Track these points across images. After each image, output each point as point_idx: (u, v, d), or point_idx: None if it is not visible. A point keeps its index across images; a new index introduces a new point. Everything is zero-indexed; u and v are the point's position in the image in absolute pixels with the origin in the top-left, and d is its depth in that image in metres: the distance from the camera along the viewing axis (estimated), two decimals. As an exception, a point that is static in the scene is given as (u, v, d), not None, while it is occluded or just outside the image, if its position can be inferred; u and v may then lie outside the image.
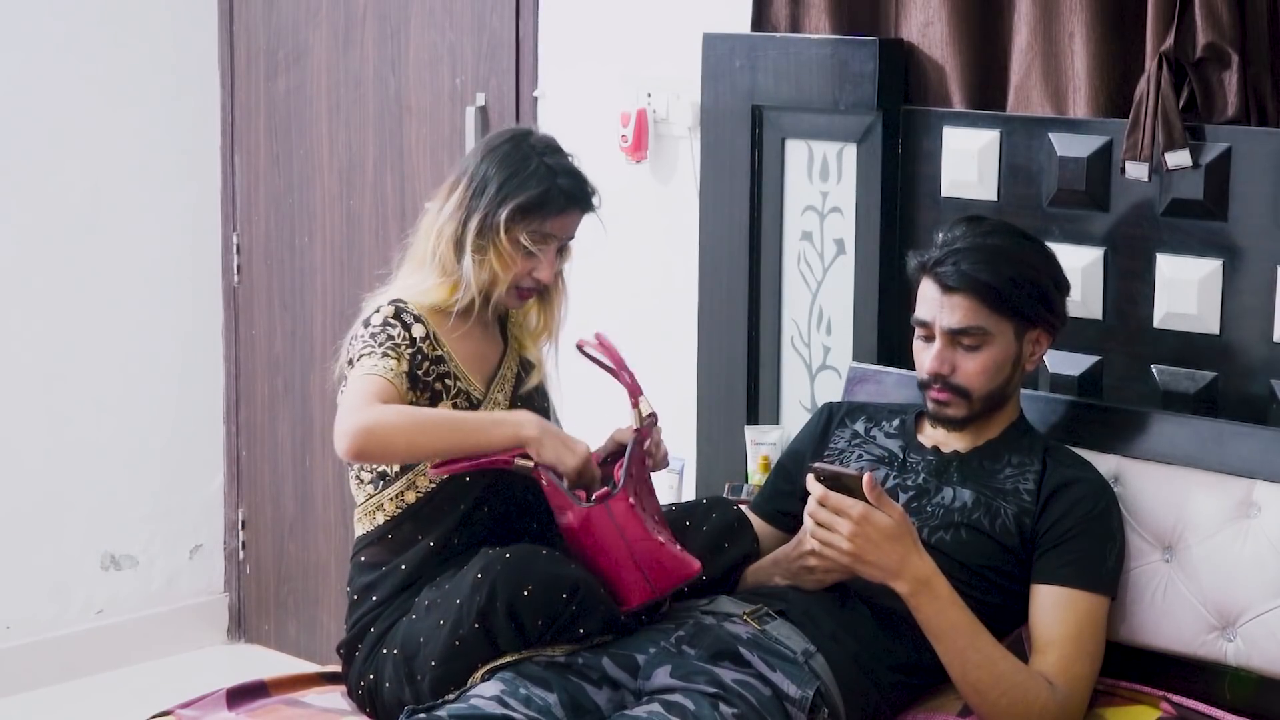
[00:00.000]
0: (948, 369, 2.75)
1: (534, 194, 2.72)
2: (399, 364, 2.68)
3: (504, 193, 2.72)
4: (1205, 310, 2.91)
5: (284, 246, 4.70)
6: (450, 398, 2.74)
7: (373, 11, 4.41)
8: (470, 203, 2.74)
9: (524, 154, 2.75)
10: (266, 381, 4.80)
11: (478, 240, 2.73)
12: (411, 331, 2.71)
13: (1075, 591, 2.65)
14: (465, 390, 2.76)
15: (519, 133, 2.82)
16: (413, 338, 2.71)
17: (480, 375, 2.80)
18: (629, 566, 2.57)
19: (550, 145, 2.80)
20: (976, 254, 2.71)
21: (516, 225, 2.72)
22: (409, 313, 2.73)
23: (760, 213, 3.44)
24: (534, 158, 2.75)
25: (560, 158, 2.78)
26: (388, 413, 2.60)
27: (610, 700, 2.50)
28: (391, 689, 2.63)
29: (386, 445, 2.60)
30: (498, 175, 2.74)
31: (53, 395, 4.58)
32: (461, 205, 2.75)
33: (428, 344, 2.72)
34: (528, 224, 2.73)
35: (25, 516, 4.55)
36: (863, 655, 2.61)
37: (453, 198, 2.77)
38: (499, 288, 2.76)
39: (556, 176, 2.74)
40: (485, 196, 2.73)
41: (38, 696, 4.51)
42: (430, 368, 2.72)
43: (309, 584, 4.76)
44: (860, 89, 3.25)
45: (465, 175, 2.78)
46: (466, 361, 2.78)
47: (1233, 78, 2.86)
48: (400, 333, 2.70)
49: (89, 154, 4.59)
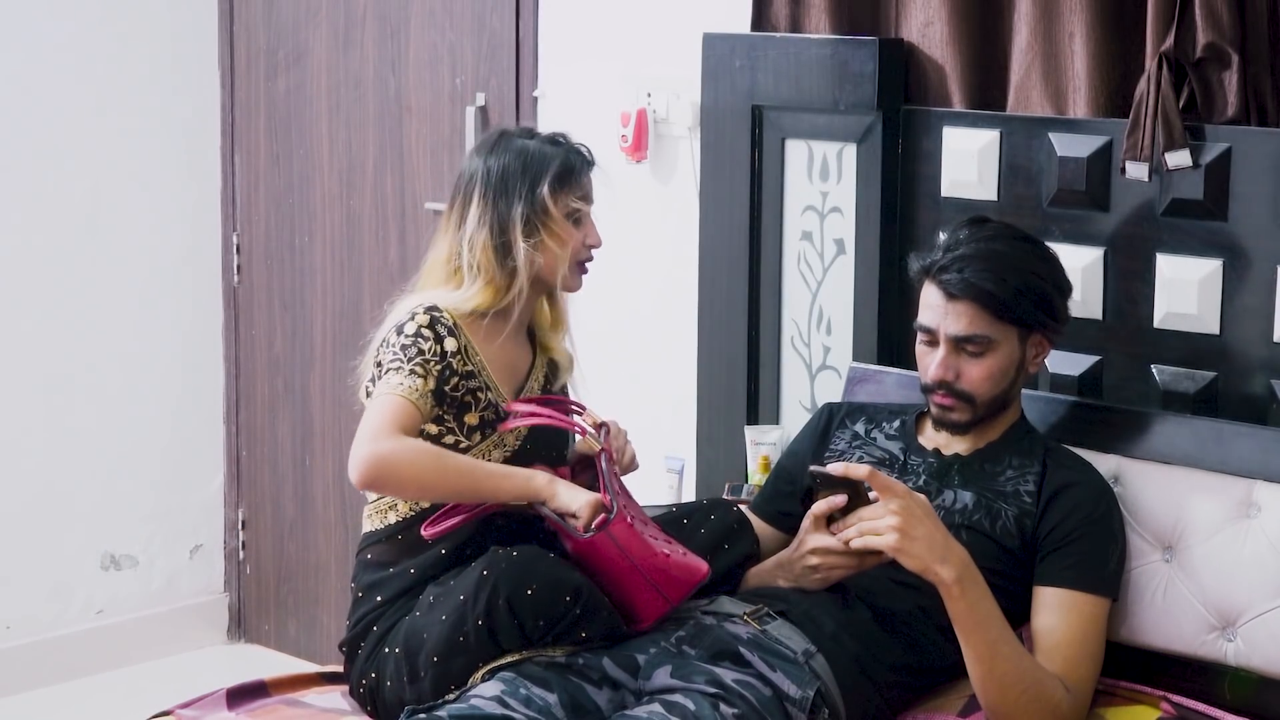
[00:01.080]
0: (952, 375, 2.74)
1: (559, 164, 2.76)
2: (425, 382, 2.65)
3: (531, 175, 2.75)
4: (1205, 310, 2.91)
5: (284, 246, 4.70)
6: (479, 409, 2.73)
7: (373, 11, 4.41)
8: (497, 202, 2.75)
9: (519, 143, 2.79)
10: (266, 381, 4.80)
11: (526, 229, 2.73)
12: (444, 345, 2.69)
13: (1078, 594, 2.65)
14: (494, 403, 2.74)
15: (502, 130, 2.85)
16: (444, 351, 2.69)
17: (509, 385, 2.79)
18: (641, 585, 2.57)
19: (529, 129, 2.87)
20: (981, 261, 2.70)
21: (560, 196, 2.75)
22: (443, 323, 2.71)
23: (760, 213, 3.44)
24: (529, 141, 2.80)
25: (547, 134, 2.83)
26: (405, 449, 2.58)
27: (610, 700, 2.50)
28: (393, 688, 2.63)
29: (399, 482, 2.60)
30: (514, 165, 2.76)
31: (53, 395, 4.58)
32: (487, 209, 2.75)
33: (459, 359, 2.70)
34: (569, 192, 2.76)
35: (25, 516, 4.55)
36: (863, 656, 2.61)
37: (471, 210, 2.76)
38: (561, 267, 2.77)
39: (560, 145, 2.80)
40: (512, 188, 2.74)
41: (38, 696, 4.51)
42: (459, 382, 2.70)
43: (309, 584, 4.76)
44: (860, 89, 3.25)
45: (474, 184, 2.77)
46: (498, 371, 2.77)
47: (1233, 78, 2.86)
48: (431, 346, 2.68)
49: (89, 154, 4.59)
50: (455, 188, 2.82)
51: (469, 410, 2.72)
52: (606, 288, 3.84)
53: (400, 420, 2.61)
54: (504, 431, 2.73)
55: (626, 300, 3.88)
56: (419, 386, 2.64)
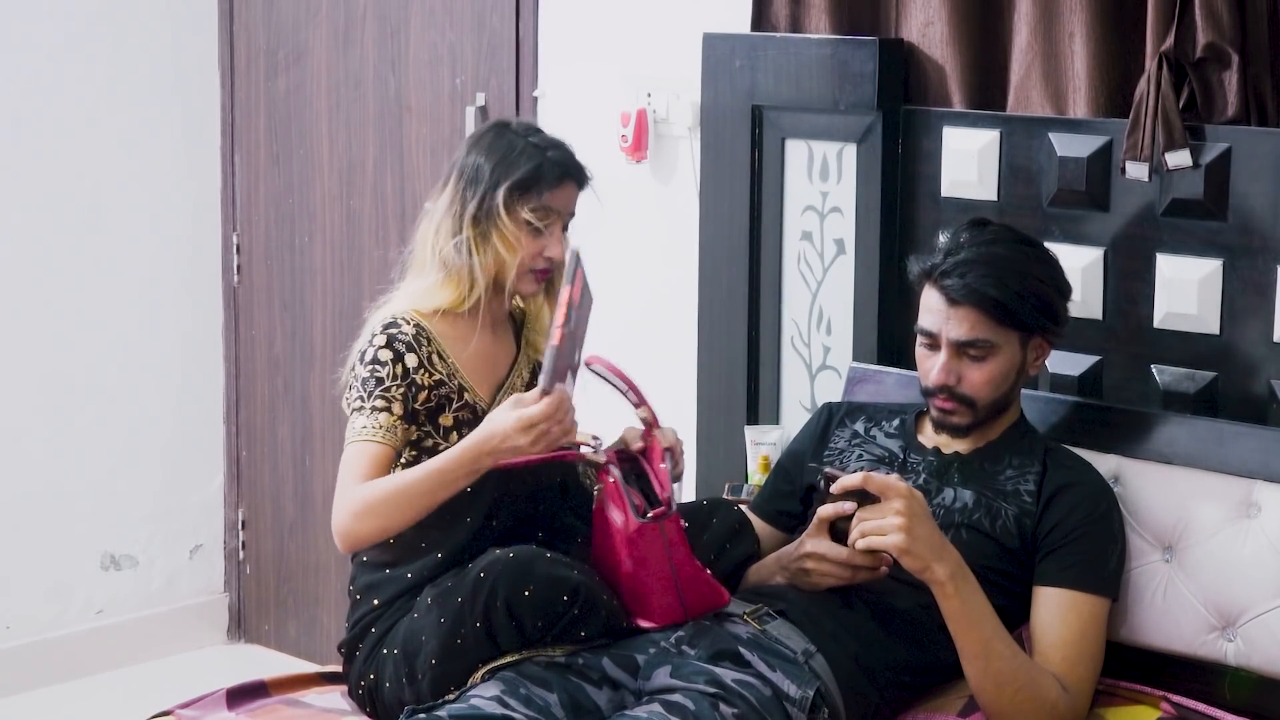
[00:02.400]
0: (954, 380, 2.74)
1: (528, 170, 2.72)
2: (390, 414, 2.66)
3: (497, 174, 2.73)
4: (1205, 310, 2.91)
5: (284, 246, 4.70)
6: (453, 410, 2.73)
7: (373, 11, 4.41)
8: (464, 193, 2.74)
9: (509, 139, 2.77)
10: (266, 381, 4.80)
11: (478, 226, 2.72)
12: (404, 363, 2.69)
13: (1078, 594, 2.65)
14: (471, 403, 2.74)
15: (500, 122, 2.84)
16: (405, 370, 2.69)
17: (488, 383, 2.79)
18: (668, 588, 2.58)
19: (533, 128, 2.82)
20: (982, 265, 2.70)
21: (517, 203, 2.72)
22: (401, 339, 2.70)
23: (760, 213, 3.44)
24: (519, 139, 2.76)
25: (545, 136, 2.79)
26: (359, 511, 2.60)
27: (610, 700, 2.50)
28: (392, 689, 2.63)
29: (372, 537, 2.63)
30: (488, 161, 2.74)
31: (53, 395, 4.58)
32: (455, 198, 2.75)
33: (422, 372, 2.70)
34: (527, 200, 2.73)
35: (25, 516, 4.55)
36: (863, 655, 2.61)
37: (444, 194, 2.77)
38: (509, 272, 2.75)
39: (545, 151, 2.75)
40: (479, 184, 2.73)
41: (38, 696, 4.51)
42: (430, 394, 2.70)
43: (309, 584, 4.76)
44: (860, 89, 3.25)
45: (454, 170, 2.78)
46: (474, 370, 2.76)
47: (1233, 78, 2.86)
48: (390, 371, 2.68)
49: (89, 154, 4.59)
50: (447, 168, 2.82)
51: (442, 412, 2.72)
52: (606, 288, 3.83)
53: (362, 473, 2.63)
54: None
55: (626, 300, 3.87)
56: (384, 422, 2.66)
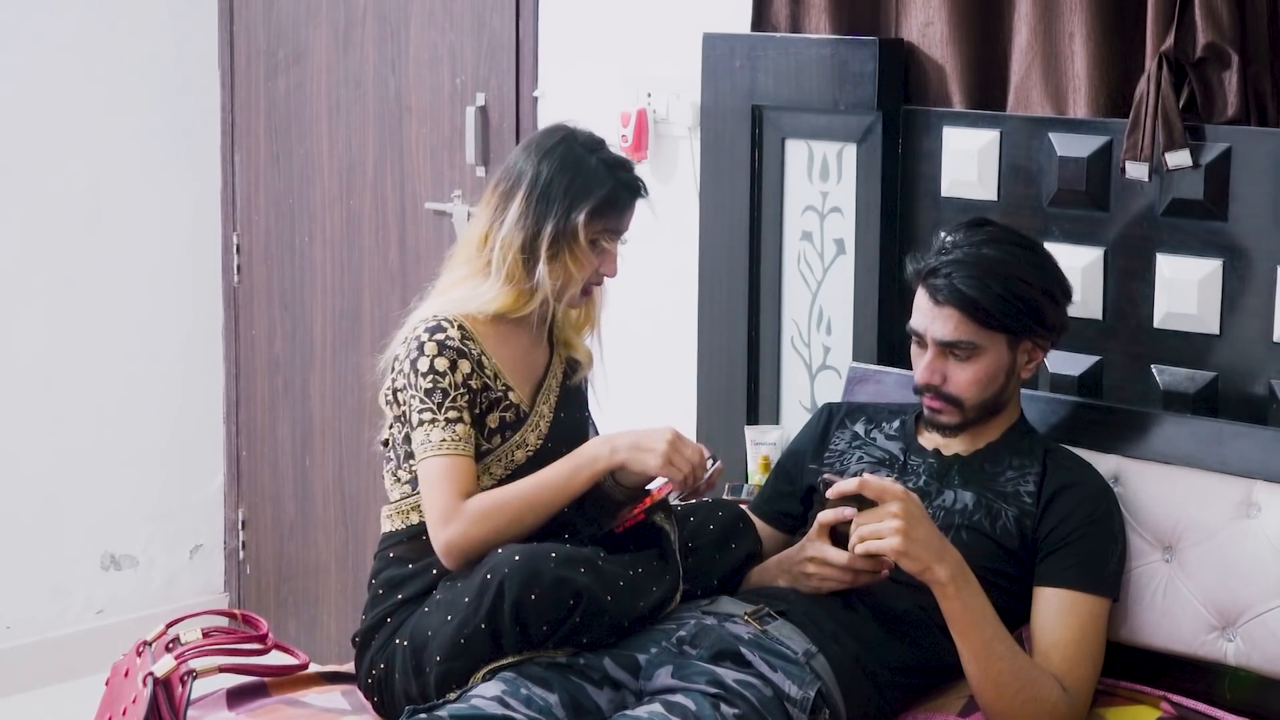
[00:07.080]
0: (939, 379, 2.74)
1: (604, 194, 2.73)
2: (464, 422, 2.66)
3: (572, 196, 2.72)
4: (1205, 310, 2.91)
5: (284, 246, 4.70)
6: (499, 411, 2.73)
7: (373, 12, 4.41)
8: (536, 210, 2.73)
9: (579, 155, 2.75)
10: (266, 381, 4.80)
11: (552, 248, 2.72)
12: (459, 371, 2.68)
13: (1078, 594, 2.65)
14: (514, 404, 2.75)
15: (567, 132, 2.80)
16: (463, 378, 2.68)
17: (527, 385, 2.79)
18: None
19: (598, 141, 2.80)
20: (968, 267, 2.69)
21: (592, 227, 2.73)
22: (450, 345, 2.69)
23: (760, 213, 3.44)
24: (590, 156, 2.75)
25: (610, 153, 2.79)
26: (473, 526, 2.61)
27: (611, 701, 2.50)
28: (400, 680, 2.64)
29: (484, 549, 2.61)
30: (561, 179, 2.72)
31: (53, 395, 4.59)
32: (526, 213, 2.73)
33: (475, 378, 2.70)
34: (604, 223, 2.75)
35: (25, 516, 4.55)
36: (864, 656, 2.61)
37: (513, 207, 2.74)
38: (572, 289, 2.76)
39: (616, 172, 2.76)
40: (553, 203, 2.72)
41: (38, 696, 4.51)
42: (481, 397, 2.71)
43: (309, 584, 4.76)
44: (860, 89, 3.25)
45: (521, 181, 2.75)
46: (514, 371, 2.76)
47: (1233, 78, 2.86)
48: (450, 380, 2.67)
49: (89, 154, 4.59)
50: (504, 173, 2.78)
51: (490, 413, 2.73)
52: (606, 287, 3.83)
53: (457, 485, 2.63)
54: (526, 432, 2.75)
55: (626, 300, 3.87)
56: (460, 433, 2.65)
